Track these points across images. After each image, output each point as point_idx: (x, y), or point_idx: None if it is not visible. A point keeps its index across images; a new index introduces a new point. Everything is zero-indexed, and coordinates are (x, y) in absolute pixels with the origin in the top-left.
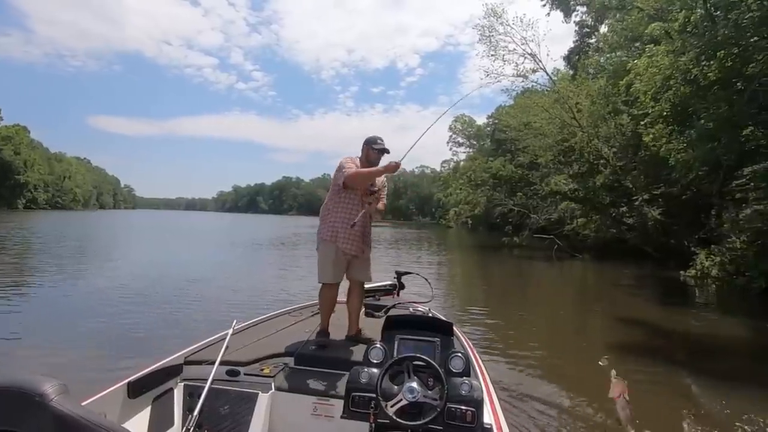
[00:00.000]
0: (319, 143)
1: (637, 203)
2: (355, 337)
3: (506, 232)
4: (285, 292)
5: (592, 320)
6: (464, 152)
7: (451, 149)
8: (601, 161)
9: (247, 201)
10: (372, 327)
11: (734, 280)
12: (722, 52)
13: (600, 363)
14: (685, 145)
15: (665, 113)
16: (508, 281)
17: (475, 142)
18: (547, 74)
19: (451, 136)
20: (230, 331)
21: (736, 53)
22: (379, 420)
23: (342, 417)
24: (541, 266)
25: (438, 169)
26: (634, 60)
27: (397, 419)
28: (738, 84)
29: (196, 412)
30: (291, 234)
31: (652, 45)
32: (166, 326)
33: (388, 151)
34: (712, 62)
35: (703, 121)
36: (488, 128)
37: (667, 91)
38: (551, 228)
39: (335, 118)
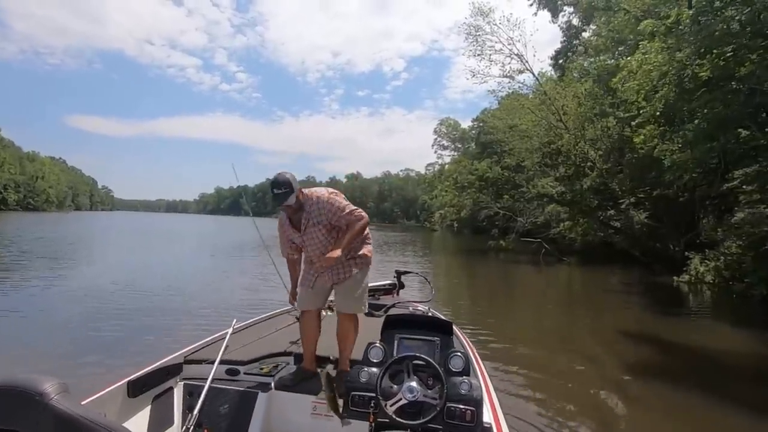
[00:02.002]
0: (304, 145)
1: (623, 206)
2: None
3: (492, 235)
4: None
5: (586, 324)
6: (449, 155)
7: (435, 152)
8: (588, 164)
9: (230, 203)
10: (372, 326)
11: (731, 286)
12: (716, 51)
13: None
14: (680, 145)
15: (658, 113)
16: (498, 286)
17: (460, 145)
18: (534, 75)
19: (436, 139)
20: (230, 331)
21: (730, 52)
22: (378, 419)
23: (342, 416)
24: (530, 270)
25: (423, 172)
26: (626, 58)
27: (397, 418)
28: (732, 84)
29: (195, 411)
30: (273, 236)
31: (646, 42)
32: (155, 330)
33: (279, 201)
34: (704, 61)
35: (697, 121)
36: (473, 131)
37: (662, 88)
38: (537, 231)
39: (320, 120)
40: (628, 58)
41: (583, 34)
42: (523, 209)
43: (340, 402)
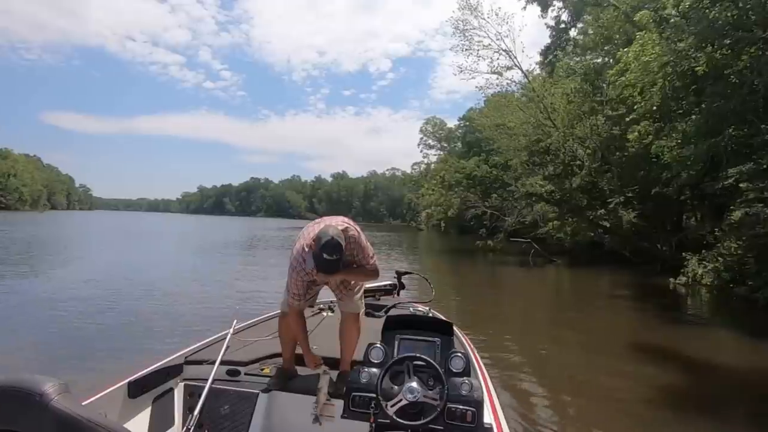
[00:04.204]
0: (290, 144)
1: (611, 206)
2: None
3: (480, 235)
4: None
5: (583, 328)
6: (435, 154)
7: (421, 151)
8: (577, 162)
9: (213, 202)
10: (372, 327)
11: (732, 289)
12: (716, 43)
13: None
14: (678, 141)
15: (654, 107)
16: (490, 288)
17: (446, 145)
18: (522, 71)
19: (421, 138)
20: (230, 331)
21: (728, 45)
22: (379, 420)
23: (342, 417)
24: (520, 272)
25: (409, 171)
26: (622, 50)
27: (398, 419)
28: (732, 78)
29: (196, 412)
30: (258, 235)
31: (643, 32)
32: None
33: (328, 269)
34: (701, 54)
35: (695, 116)
36: (459, 130)
37: (662, 80)
38: (525, 231)
39: (306, 119)
40: (625, 50)
41: (571, 32)
42: (511, 209)
43: (339, 403)
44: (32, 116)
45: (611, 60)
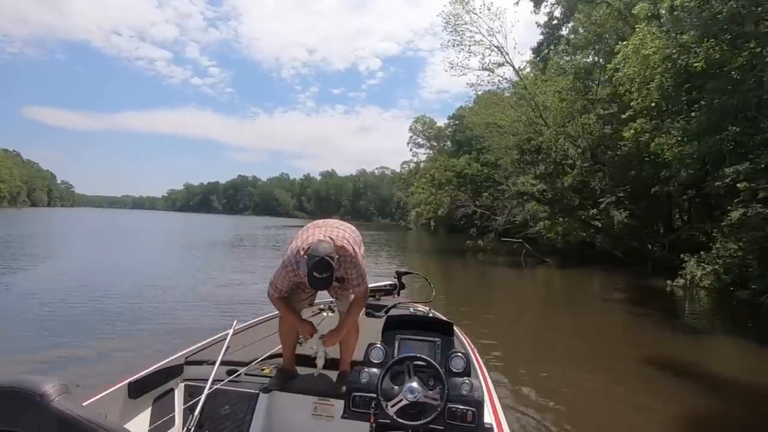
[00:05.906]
0: (278, 142)
1: (602, 206)
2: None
3: (470, 234)
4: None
5: (580, 329)
6: (425, 153)
7: (411, 150)
8: (568, 161)
9: (200, 200)
10: (372, 327)
11: (733, 292)
12: (711, 41)
13: None
14: (678, 139)
15: (653, 104)
16: (483, 289)
17: (435, 144)
18: (513, 68)
19: (411, 137)
20: (231, 331)
21: (728, 40)
22: (379, 420)
23: (342, 417)
24: (513, 272)
25: (398, 170)
26: (621, 43)
27: (398, 419)
28: (732, 73)
29: (196, 413)
30: (244, 235)
31: (642, 25)
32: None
33: (319, 287)
34: (700, 50)
35: (695, 114)
36: (449, 129)
37: (660, 76)
38: (515, 231)
39: (295, 117)
40: (623, 43)
41: (563, 29)
42: (501, 208)
43: (339, 403)
44: (13, 111)
45: (601, 60)
